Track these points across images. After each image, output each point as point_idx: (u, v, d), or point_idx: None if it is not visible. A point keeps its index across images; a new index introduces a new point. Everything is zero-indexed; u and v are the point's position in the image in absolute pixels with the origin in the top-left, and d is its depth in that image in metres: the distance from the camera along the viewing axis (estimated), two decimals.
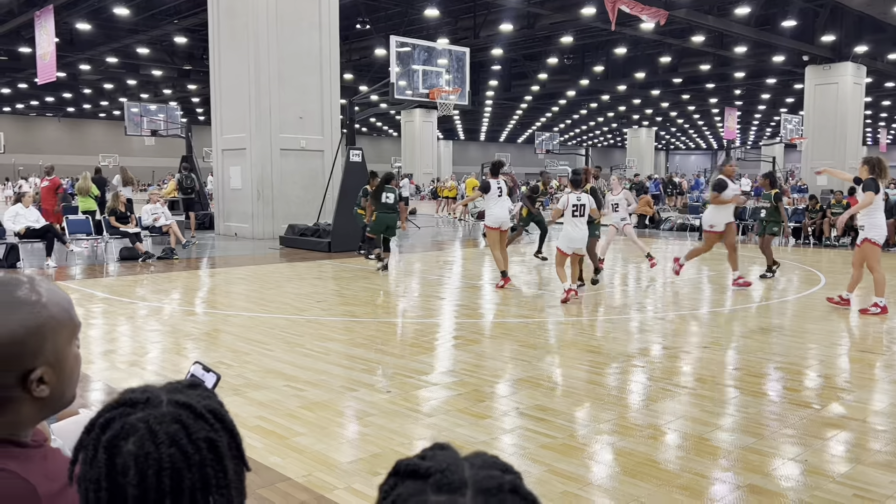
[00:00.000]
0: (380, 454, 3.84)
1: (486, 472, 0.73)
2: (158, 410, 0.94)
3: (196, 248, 14.66)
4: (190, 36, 28.81)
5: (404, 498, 0.72)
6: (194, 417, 0.95)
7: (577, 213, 8.48)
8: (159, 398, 0.96)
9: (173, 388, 0.99)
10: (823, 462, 3.81)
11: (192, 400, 0.97)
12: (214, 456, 0.93)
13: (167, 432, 0.92)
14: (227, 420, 0.98)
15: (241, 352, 6.11)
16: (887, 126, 57.63)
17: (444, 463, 0.73)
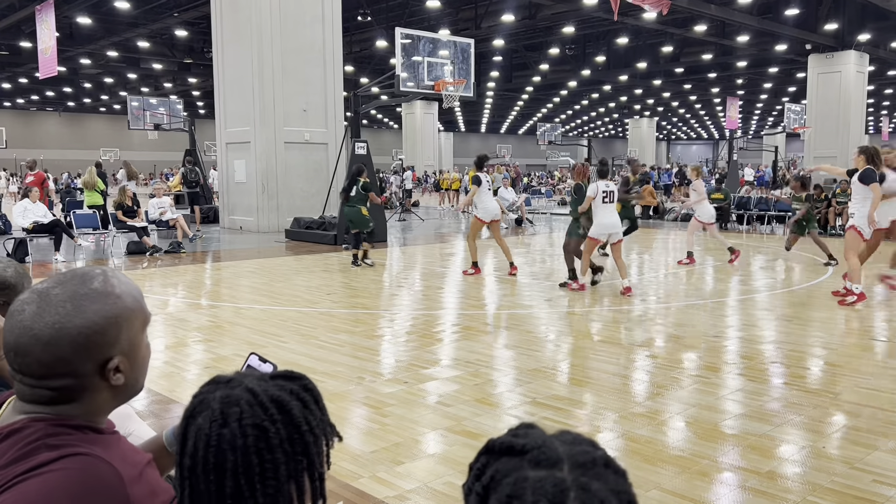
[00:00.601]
0: (401, 443, 3.90)
1: (580, 448, 0.77)
2: (230, 391, 1.00)
3: (202, 242, 14.70)
4: (190, 29, 28.77)
5: (504, 474, 0.75)
6: (253, 404, 0.99)
7: (606, 200, 8.67)
8: (241, 382, 1.02)
9: (261, 377, 1.05)
10: (841, 448, 3.86)
11: (261, 388, 1.01)
12: (263, 444, 0.97)
13: (224, 413, 0.97)
14: (294, 413, 1.00)
15: (257, 344, 6.16)
16: (889, 114, 57.51)
17: (539, 440, 0.77)
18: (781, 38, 27.34)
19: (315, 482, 1.04)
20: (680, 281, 9.89)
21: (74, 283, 1.15)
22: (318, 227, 14.74)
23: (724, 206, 17.91)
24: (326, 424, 1.07)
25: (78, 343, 1.10)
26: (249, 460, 0.97)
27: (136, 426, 2.62)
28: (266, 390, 1.02)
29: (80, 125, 55.65)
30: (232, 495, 0.97)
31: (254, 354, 1.40)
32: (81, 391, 1.13)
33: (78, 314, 1.11)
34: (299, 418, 1.01)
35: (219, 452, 0.97)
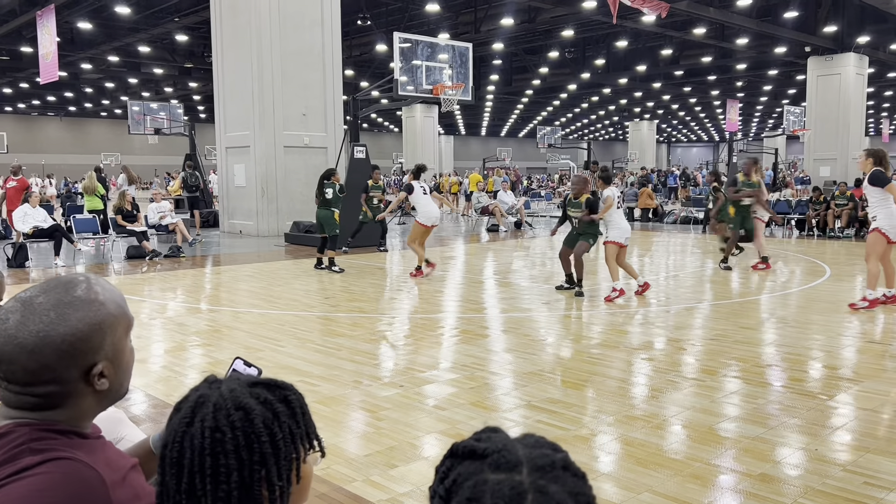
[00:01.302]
0: (395, 447, 3.91)
1: (539, 451, 0.79)
2: (207, 393, 1.05)
3: (202, 246, 14.73)
4: (190, 34, 28.84)
5: (465, 477, 0.77)
6: (220, 408, 1.03)
7: (620, 206, 8.98)
8: (220, 385, 1.07)
9: (245, 381, 1.08)
10: (832, 451, 3.87)
11: (233, 393, 1.05)
12: (219, 448, 1.00)
13: (193, 412, 1.04)
14: (255, 423, 1.02)
15: (254, 348, 6.18)
16: (890, 116, 57.49)
17: (499, 443, 0.79)
18: (781, 41, 27.37)
19: (274, 495, 1.02)
20: (679, 284, 9.90)
21: (58, 291, 1.17)
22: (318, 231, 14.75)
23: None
24: (300, 438, 1.07)
25: (62, 351, 1.12)
26: (203, 461, 1.00)
27: (128, 431, 2.63)
28: (236, 396, 1.03)
29: (81, 130, 55.76)
30: (187, 491, 1.00)
31: (239, 359, 1.41)
32: (66, 397, 1.15)
33: (62, 322, 1.13)
34: (260, 428, 1.02)
35: (181, 449, 1.01)
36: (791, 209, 17.86)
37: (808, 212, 17.08)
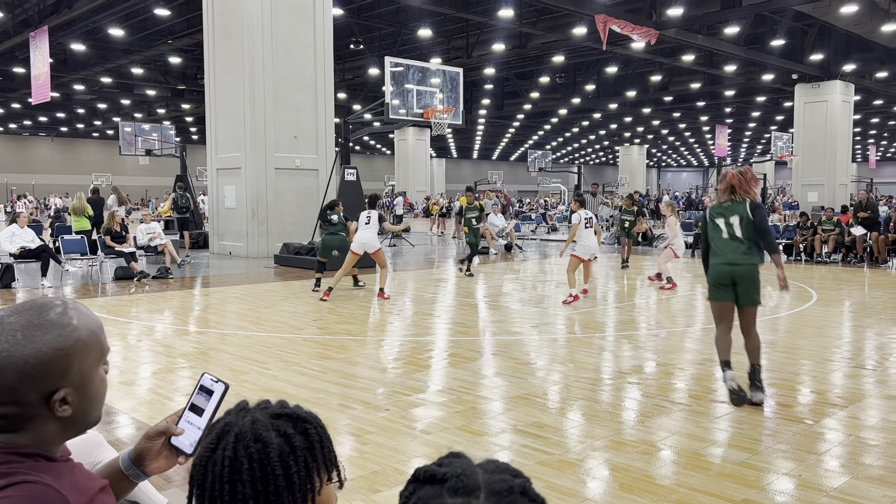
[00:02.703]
0: (379, 471, 3.87)
1: (499, 476, 0.79)
2: (234, 421, 1.11)
3: (191, 268, 14.67)
4: (184, 56, 28.99)
5: (424, 501, 0.77)
6: (240, 438, 1.08)
7: (588, 226, 10.22)
8: (248, 414, 1.12)
9: (272, 412, 1.13)
10: (817, 476, 3.86)
11: (255, 425, 1.09)
12: (236, 477, 1.06)
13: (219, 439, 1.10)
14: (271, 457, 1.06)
15: (240, 371, 6.14)
16: (876, 143, 58.22)
17: (459, 468, 0.79)
18: (768, 68, 27.76)
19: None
20: (667, 308, 9.92)
21: (31, 312, 1.16)
22: (308, 253, 14.74)
23: None
24: (316, 471, 1.10)
25: (24, 373, 1.11)
26: (223, 487, 1.05)
27: (106, 454, 2.60)
28: (256, 429, 1.08)
29: (73, 150, 55.73)
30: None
31: (206, 374, 1.41)
32: (26, 420, 1.14)
33: (27, 344, 1.12)
34: (275, 461, 1.06)
35: (204, 473, 1.07)
36: (779, 234, 17.97)
37: (795, 237, 17.19)
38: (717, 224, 5.25)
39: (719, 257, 5.20)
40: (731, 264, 5.12)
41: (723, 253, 5.18)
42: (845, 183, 28.42)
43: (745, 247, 5.13)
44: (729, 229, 5.19)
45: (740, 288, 5.14)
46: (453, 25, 25.81)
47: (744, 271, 5.11)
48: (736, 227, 5.17)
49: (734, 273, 5.12)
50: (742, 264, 5.11)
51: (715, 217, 5.27)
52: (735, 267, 5.11)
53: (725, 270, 5.15)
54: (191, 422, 1.37)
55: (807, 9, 20.42)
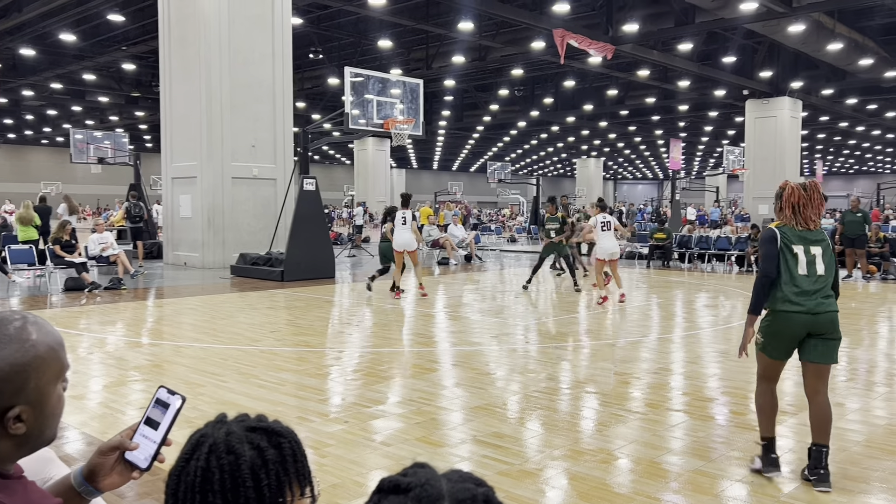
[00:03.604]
0: (339, 484, 3.84)
1: (462, 485, 0.80)
2: (210, 433, 1.11)
3: (144, 278, 14.36)
4: (138, 63, 28.48)
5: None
6: (213, 450, 1.08)
7: (605, 229, 10.96)
8: (224, 426, 1.12)
9: (248, 425, 1.12)
10: (769, 483, 3.95)
11: (228, 437, 1.10)
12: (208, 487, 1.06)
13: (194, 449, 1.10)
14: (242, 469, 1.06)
15: (195, 383, 6.02)
16: (823, 158, 60.21)
17: (423, 478, 0.80)
18: (720, 84, 28.50)
19: None
20: (625, 318, 10.06)
21: None
22: (265, 264, 14.57)
23: (665, 244, 18.38)
24: (288, 485, 1.10)
25: None
26: (193, 498, 1.06)
27: (57, 470, 2.52)
28: (230, 441, 1.09)
29: (21, 157, 54.17)
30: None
31: (162, 387, 1.38)
32: None
33: None
34: (246, 474, 1.06)
35: (177, 483, 1.08)
36: (731, 245, 18.41)
37: (747, 248, 17.62)
38: (793, 251, 3.88)
39: (795, 301, 3.84)
40: (813, 313, 3.82)
41: (801, 295, 3.85)
42: None
43: (827, 288, 3.91)
44: (810, 262, 3.88)
45: (819, 340, 3.88)
46: (413, 37, 25.90)
47: (829, 320, 3.87)
48: (819, 260, 3.90)
49: (817, 323, 3.84)
50: (827, 312, 3.87)
51: (793, 242, 3.89)
52: (818, 317, 3.83)
53: (804, 321, 3.84)
54: (146, 436, 1.34)
55: (757, 27, 21.05)
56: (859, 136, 46.67)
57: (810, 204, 3.88)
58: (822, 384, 3.92)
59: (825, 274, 3.88)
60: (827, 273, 3.89)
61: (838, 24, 22.02)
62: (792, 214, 3.90)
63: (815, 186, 3.91)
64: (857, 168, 72.30)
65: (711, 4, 18.79)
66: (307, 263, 14.15)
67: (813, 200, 3.88)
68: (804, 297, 3.83)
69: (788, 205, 3.91)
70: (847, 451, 4.45)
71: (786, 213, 3.93)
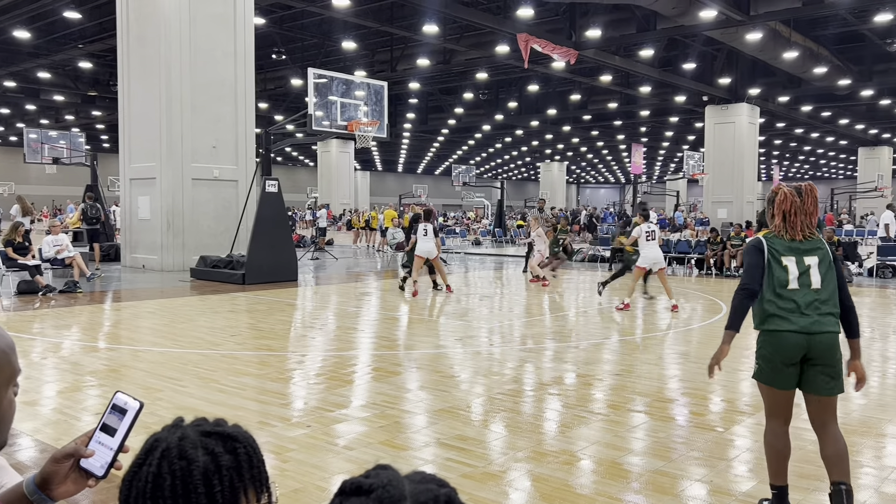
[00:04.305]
0: (301, 489, 3.79)
1: (424, 486, 0.79)
2: (164, 437, 1.09)
3: (101, 281, 14.04)
4: (95, 61, 27.90)
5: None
6: (166, 455, 1.06)
7: (650, 238, 10.84)
8: (178, 430, 1.09)
9: (203, 430, 1.10)
10: (727, 482, 4.02)
11: (181, 442, 1.08)
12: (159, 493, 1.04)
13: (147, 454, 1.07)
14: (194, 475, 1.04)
15: (153, 388, 5.90)
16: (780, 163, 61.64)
17: (385, 479, 0.79)
18: (681, 90, 29.00)
19: None
20: (588, 320, 10.16)
21: None
22: (226, 266, 14.36)
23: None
24: (242, 490, 1.08)
25: None
26: (145, 502, 1.04)
27: (9, 478, 2.44)
28: (183, 446, 1.06)
29: None
30: None
31: (119, 392, 1.34)
32: None
33: None
34: (198, 479, 1.04)
35: (129, 488, 1.05)
36: (691, 249, 18.73)
37: (706, 251, 17.94)
38: (782, 264, 3.43)
39: (785, 318, 3.37)
40: (808, 332, 3.33)
41: (793, 312, 3.37)
42: (752, 200, 29.91)
43: (824, 303, 3.38)
44: (803, 274, 3.40)
45: (819, 367, 3.37)
46: (378, 39, 25.83)
47: (827, 341, 3.35)
48: (814, 272, 3.40)
49: (813, 345, 3.33)
50: (824, 332, 3.34)
51: (781, 253, 3.44)
52: (813, 337, 3.33)
53: (798, 341, 3.34)
54: (102, 442, 1.30)
55: (716, 34, 21.47)
56: (814, 142, 47.94)
57: (802, 210, 3.45)
58: (829, 416, 3.42)
59: (822, 287, 3.37)
60: (825, 286, 3.38)
61: (794, 33, 22.60)
62: (782, 222, 3.47)
63: (809, 190, 3.49)
64: (812, 174, 74.22)
65: (672, 11, 19.12)
66: (269, 266, 13.99)
67: (806, 206, 3.45)
68: (796, 315, 3.34)
69: (780, 211, 3.48)
70: (802, 450, 4.55)
71: (777, 220, 3.50)
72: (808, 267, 3.38)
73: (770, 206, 3.57)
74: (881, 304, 12.13)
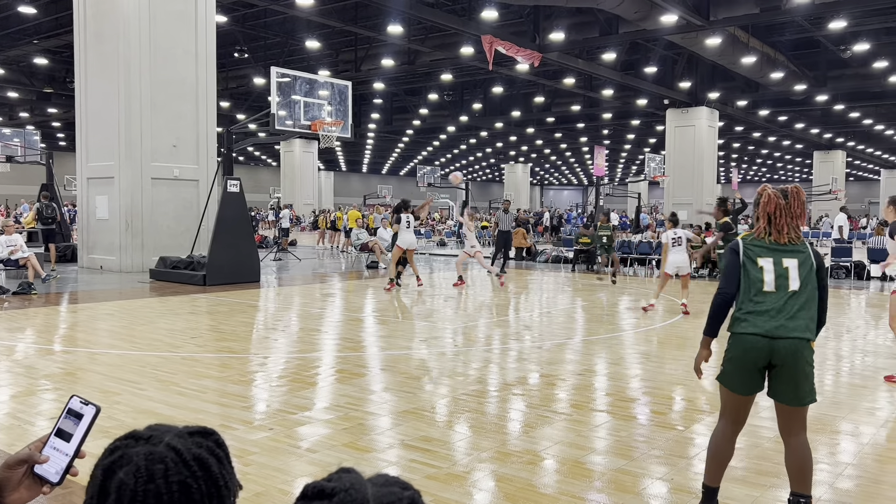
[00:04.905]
0: (263, 493, 3.75)
1: (387, 490, 0.79)
2: (154, 449, 1.05)
3: (57, 283, 13.70)
4: (51, 57, 27.22)
5: None
6: (178, 462, 1.03)
7: (677, 245, 11.04)
8: (161, 438, 1.06)
9: (178, 433, 1.08)
10: (688, 479, 4.08)
11: (184, 446, 1.06)
12: (186, 500, 1.02)
13: (150, 469, 1.02)
14: (213, 471, 1.04)
15: (111, 392, 5.77)
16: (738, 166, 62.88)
17: (347, 483, 0.79)
18: (642, 93, 29.41)
19: None
20: (551, 321, 10.23)
21: None
22: (186, 267, 14.13)
23: (590, 249, 18.80)
24: (233, 478, 1.10)
25: None
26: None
27: None
28: (189, 448, 1.06)
29: None
30: None
31: (75, 396, 1.31)
32: None
33: None
34: (217, 475, 1.05)
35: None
36: (652, 250, 19.00)
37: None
38: (758, 265, 3.35)
39: (752, 321, 3.29)
40: (771, 336, 3.22)
41: (760, 314, 3.28)
42: (711, 202, 30.45)
43: (799, 308, 3.26)
44: (780, 276, 3.31)
45: (781, 373, 3.27)
46: (342, 38, 25.69)
47: (790, 347, 3.22)
48: (792, 274, 3.31)
49: (775, 350, 3.23)
50: (790, 337, 3.22)
51: (758, 254, 3.37)
52: (776, 342, 3.22)
53: (760, 345, 3.25)
54: (57, 448, 1.27)
55: (676, 39, 21.83)
56: (771, 145, 49.03)
57: (788, 213, 3.36)
58: (795, 425, 3.33)
59: (800, 291, 3.27)
60: (803, 290, 3.27)
61: (752, 39, 23.10)
62: (767, 225, 3.39)
63: (795, 193, 3.42)
64: (770, 176, 75.90)
65: (634, 16, 19.38)
66: (231, 267, 13.80)
67: (792, 209, 3.36)
68: (763, 317, 3.25)
69: (764, 214, 3.40)
70: (759, 447, 4.65)
71: (761, 223, 3.41)
72: (786, 269, 3.29)
73: (756, 208, 3.50)
74: (835, 304, 12.44)
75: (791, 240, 3.35)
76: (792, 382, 3.24)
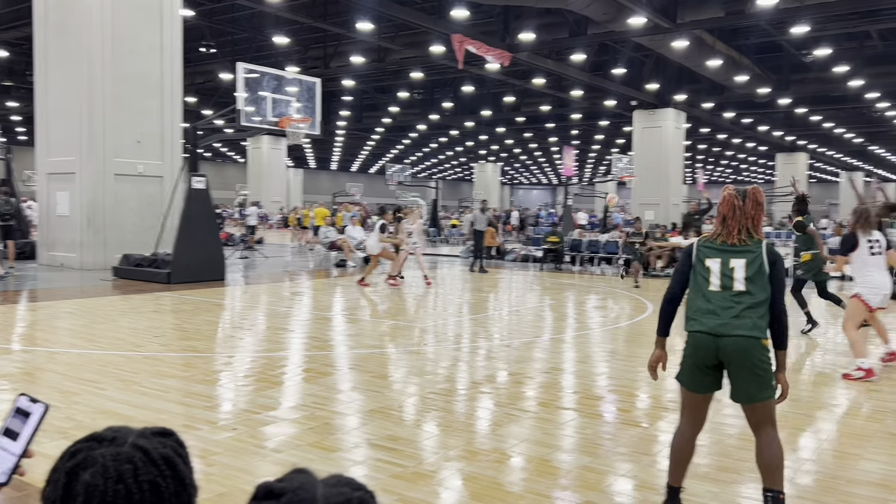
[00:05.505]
0: (226, 493, 3.69)
1: (337, 490, 0.79)
2: (119, 449, 1.04)
3: (16, 280, 13.38)
4: (10, 50, 26.56)
5: None
6: (146, 461, 1.03)
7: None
8: (125, 439, 1.05)
9: (141, 433, 1.07)
10: (652, 476, 4.12)
11: (151, 445, 1.06)
12: (156, 499, 1.02)
13: (118, 470, 1.01)
14: (179, 469, 1.05)
15: (70, 392, 5.64)
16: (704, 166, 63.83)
17: (297, 483, 0.79)
18: (610, 94, 29.69)
19: None
20: (520, 319, 10.27)
21: None
22: (150, 265, 13.89)
23: (558, 248, 18.93)
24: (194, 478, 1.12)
25: None
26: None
27: None
28: (155, 448, 1.06)
29: None
30: None
31: (23, 395, 1.28)
32: None
33: None
34: (184, 473, 1.06)
35: None
36: (619, 249, 19.17)
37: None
38: (705, 265, 3.41)
39: (699, 319, 3.35)
40: (715, 334, 3.28)
41: (706, 313, 3.34)
42: (678, 203, 30.90)
43: (746, 307, 3.28)
44: (724, 275, 3.35)
45: (731, 371, 3.32)
46: (311, 35, 25.48)
47: (734, 345, 3.24)
48: (738, 274, 3.33)
49: (721, 348, 3.27)
50: (734, 335, 3.24)
51: (706, 255, 3.43)
52: (721, 340, 3.27)
53: (706, 343, 3.31)
54: (5, 448, 1.24)
55: (644, 41, 22.07)
56: (735, 147, 49.87)
57: (743, 213, 3.37)
58: (761, 421, 3.36)
59: (746, 290, 3.28)
60: (750, 289, 3.28)
61: (718, 42, 23.45)
62: (721, 225, 3.43)
63: (752, 194, 3.42)
64: (735, 178, 77.21)
65: (603, 17, 19.55)
66: (196, 265, 13.59)
67: (746, 209, 3.37)
68: (708, 316, 3.30)
69: (720, 214, 3.44)
70: (721, 444, 4.71)
71: (717, 223, 3.48)
72: (732, 269, 3.32)
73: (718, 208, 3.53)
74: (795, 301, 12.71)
75: (741, 241, 3.36)
76: (741, 380, 3.29)
